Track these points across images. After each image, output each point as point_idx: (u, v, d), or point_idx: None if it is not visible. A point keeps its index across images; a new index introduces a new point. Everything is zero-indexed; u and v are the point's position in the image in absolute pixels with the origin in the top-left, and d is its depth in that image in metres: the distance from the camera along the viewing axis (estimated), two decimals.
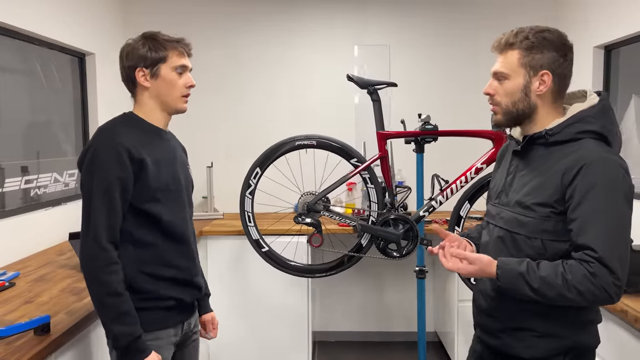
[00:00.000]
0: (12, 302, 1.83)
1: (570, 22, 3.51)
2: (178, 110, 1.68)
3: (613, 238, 1.30)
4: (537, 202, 1.40)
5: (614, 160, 1.34)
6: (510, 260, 1.39)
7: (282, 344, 3.25)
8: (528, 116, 1.46)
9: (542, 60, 1.41)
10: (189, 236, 1.69)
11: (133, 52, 1.61)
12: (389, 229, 2.44)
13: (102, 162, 1.48)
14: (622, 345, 1.86)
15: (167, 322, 1.62)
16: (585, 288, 1.28)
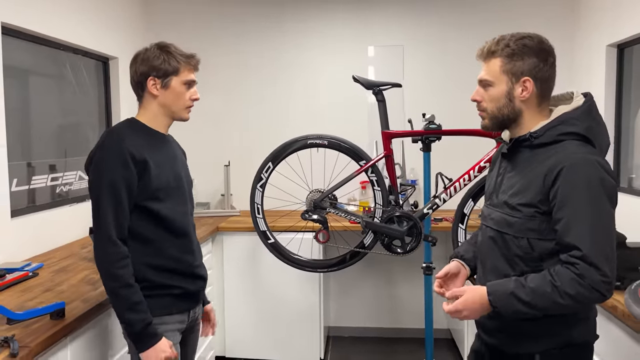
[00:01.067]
0: (33, 291, 1.98)
1: (583, 21, 3.50)
2: (181, 119, 1.81)
3: (597, 236, 1.34)
4: (522, 203, 1.44)
5: (594, 161, 1.36)
6: (498, 282, 1.43)
7: (295, 337, 3.34)
8: (514, 120, 1.50)
9: (523, 67, 1.45)
10: (189, 230, 1.80)
11: (148, 60, 1.72)
12: (393, 226, 2.51)
13: (109, 163, 1.60)
14: (613, 340, 1.88)
15: (173, 309, 1.73)
16: (576, 291, 1.31)
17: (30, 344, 1.47)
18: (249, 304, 3.35)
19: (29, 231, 2.53)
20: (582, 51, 3.48)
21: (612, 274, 1.34)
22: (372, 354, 3.67)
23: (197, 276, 1.82)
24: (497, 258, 1.52)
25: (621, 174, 3.19)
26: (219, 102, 3.91)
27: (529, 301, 1.35)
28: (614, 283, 1.35)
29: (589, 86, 3.36)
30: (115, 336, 1.98)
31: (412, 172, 3.65)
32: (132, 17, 3.68)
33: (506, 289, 1.38)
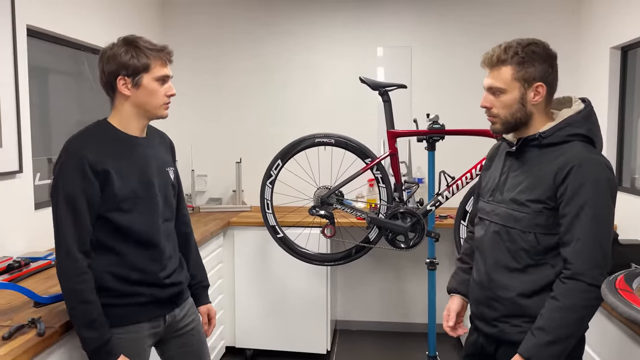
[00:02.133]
0: (56, 278, 2.10)
1: (587, 23, 3.56)
2: (159, 117, 1.69)
3: (595, 239, 1.44)
4: (531, 199, 1.54)
5: (601, 161, 1.49)
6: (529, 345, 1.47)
7: (303, 329, 3.45)
8: (524, 123, 1.59)
9: (535, 73, 1.54)
10: (157, 240, 1.69)
11: (114, 58, 1.59)
12: (397, 222, 2.60)
13: (67, 174, 1.52)
14: (602, 331, 1.96)
15: (139, 317, 1.66)
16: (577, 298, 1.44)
17: (55, 325, 1.60)
18: (258, 297, 3.46)
19: (50, 223, 2.66)
20: (587, 53, 3.54)
21: (603, 272, 1.44)
22: (378, 348, 3.78)
23: (166, 285, 1.72)
24: (501, 251, 1.61)
25: (624, 174, 3.26)
26: (232, 102, 4.03)
27: (559, 337, 1.44)
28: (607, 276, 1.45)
29: (594, 88, 3.42)
30: None
31: (418, 170, 3.74)
32: (149, 20, 3.81)
33: (538, 345, 1.45)
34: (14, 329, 1.53)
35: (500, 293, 1.60)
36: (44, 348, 1.53)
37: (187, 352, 1.87)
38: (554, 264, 1.51)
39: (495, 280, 1.62)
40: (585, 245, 1.43)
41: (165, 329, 1.77)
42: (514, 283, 1.57)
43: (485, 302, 1.66)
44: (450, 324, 1.81)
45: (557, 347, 1.44)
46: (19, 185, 2.44)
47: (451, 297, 1.86)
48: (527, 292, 1.54)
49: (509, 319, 1.59)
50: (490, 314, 1.64)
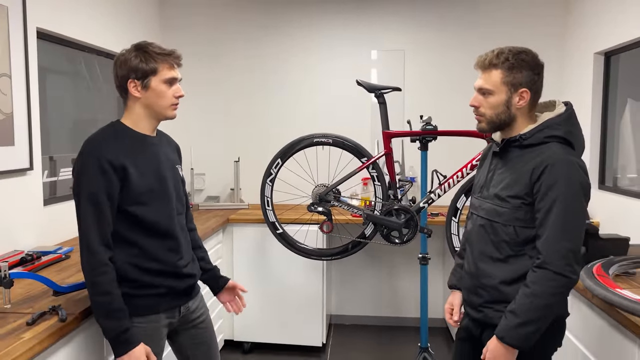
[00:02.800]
0: (68, 270, 2.21)
1: (573, 30, 3.72)
2: (167, 118, 1.79)
3: (563, 232, 1.57)
4: (511, 195, 1.68)
5: (574, 162, 1.62)
6: (499, 328, 1.62)
7: (299, 322, 3.57)
8: (508, 124, 1.73)
9: (522, 79, 1.68)
10: (174, 231, 1.80)
11: (126, 63, 1.70)
12: (392, 218, 2.73)
13: (88, 173, 1.61)
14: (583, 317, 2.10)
15: (158, 308, 1.76)
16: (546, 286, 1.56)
17: (75, 312, 1.70)
18: (256, 291, 3.56)
19: (58, 218, 2.76)
20: (572, 58, 3.70)
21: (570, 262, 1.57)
22: (371, 341, 3.90)
23: (183, 275, 1.83)
24: (486, 243, 1.75)
25: (606, 174, 3.41)
26: (231, 102, 4.14)
27: (528, 319, 1.57)
28: (576, 267, 1.58)
29: (578, 91, 3.57)
30: None
31: (411, 169, 3.88)
32: (148, 21, 3.90)
33: (508, 326, 1.60)
34: (37, 315, 1.63)
35: (485, 281, 1.74)
36: (66, 333, 1.63)
37: (198, 343, 1.97)
38: (532, 255, 1.65)
39: (481, 269, 1.75)
40: (554, 238, 1.57)
41: (179, 320, 1.87)
42: (497, 272, 1.71)
43: (473, 290, 1.80)
44: (456, 318, 1.94)
45: (527, 329, 1.58)
46: (30, 182, 2.54)
47: (452, 293, 1.99)
48: (508, 280, 1.68)
49: (493, 305, 1.73)
50: (477, 300, 1.78)
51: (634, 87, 3.18)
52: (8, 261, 2.08)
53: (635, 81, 3.18)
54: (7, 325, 1.60)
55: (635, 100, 3.14)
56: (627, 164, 3.19)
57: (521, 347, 1.61)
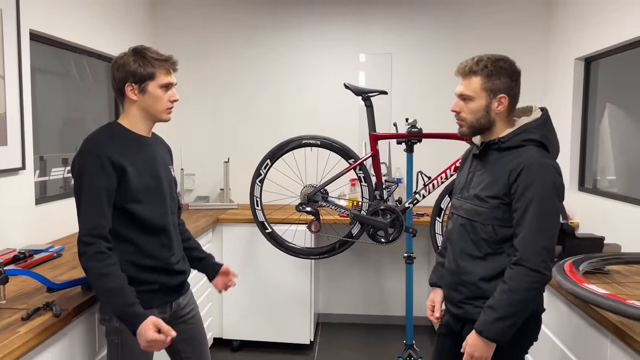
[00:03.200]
0: (61, 268, 2.25)
1: (555, 36, 3.83)
2: (162, 121, 1.86)
3: (539, 230, 1.65)
4: (490, 195, 1.76)
5: (549, 164, 1.70)
6: (478, 323, 1.70)
7: (287, 320, 3.63)
8: (488, 128, 1.81)
9: (500, 86, 1.76)
10: (168, 228, 1.87)
11: (124, 67, 1.75)
12: (378, 218, 2.80)
13: (89, 170, 1.68)
14: (558, 313, 2.19)
15: (151, 303, 1.79)
16: (521, 281, 1.64)
17: (68, 307, 1.74)
18: (245, 290, 3.62)
19: (49, 217, 2.80)
20: (555, 64, 3.80)
21: (545, 259, 1.65)
22: (358, 339, 3.98)
23: (175, 272, 1.90)
24: (466, 241, 1.82)
25: (586, 176, 3.51)
26: (221, 102, 4.19)
27: (505, 314, 1.65)
28: (551, 264, 1.66)
29: (560, 96, 3.68)
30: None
31: (397, 171, 3.95)
32: (139, 21, 3.94)
33: (487, 321, 1.67)
34: (32, 311, 1.68)
35: (465, 278, 1.82)
36: (60, 327, 1.68)
37: (188, 338, 2.03)
38: (509, 252, 1.73)
39: (461, 267, 1.83)
40: (529, 236, 1.65)
41: (170, 315, 1.93)
42: (476, 269, 1.79)
43: (453, 287, 1.88)
44: (437, 315, 2.01)
45: (504, 323, 1.66)
46: (22, 181, 2.58)
47: (433, 290, 2.07)
48: (487, 276, 1.76)
49: (472, 301, 1.80)
50: (457, 297, 1.86)
51: (612, 92, 3.29)
52: (2, 259, 2.13)
53: (614, 86, 3.29)
54: (3, 320, 1.64)
55: (613, 105, 3.25)
56: (606, 166, 3.29)
57: (499, 340, 1.69)
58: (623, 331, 1.59)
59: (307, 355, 3.66)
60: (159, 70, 1.78)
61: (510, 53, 1.85)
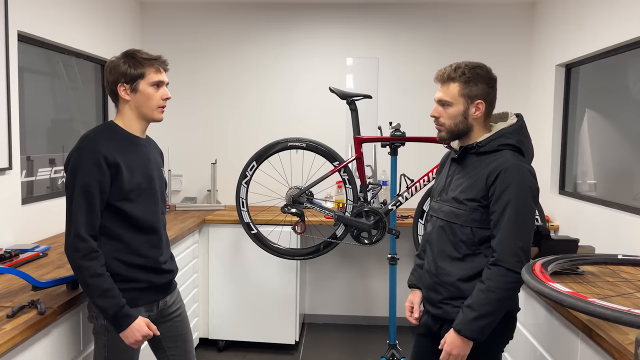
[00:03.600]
0: (46, 267, 2.27)
1: (537, 43, 3.91)
2: (155, 120, 1.92)
3: (515, 232, 1.71)
4: (468, 198, 1.82)
5: (525, 168, 1.77)
6: (457, 322, 1.75)
7: (273, 321, 3.67)
8: (465, 133, 1.87)
9: (477, 92, 1.82)
10: (158, 228, 1.93)
11: (115, 69, 1.83)
12: (361, 220, 2.85)
13: (84, 166, 1.72)
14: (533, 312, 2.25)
15: (138, 301, 1.85)
16: (499, 281, 1.70)
17: (53, 306, 1.78)
18: (231, 290, 3.66)
19: (35, 217, 2.82)
20: (538, 70, 3.88)
21: (521, 259, 1.71)
22: (343, 339, 4.02)
23: (163, 271, 1.95)
24: (445, 243, 1.88)
25: (566, 180, 3.59)
26: (209, 105, 4.22)
27: (483, 313, 1.70)
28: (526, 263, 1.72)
29: (541, 102, 3.76)
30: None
31: (383, 173, 4.01)
32: (127, 24, 3.97)
33: (465, 319, 1.73)
34: (17, 308, 1.71)
35: (444, 278, 1.87)
36: (44, 325, 1.71)
37: (174, 335, 2.08)
38: (487, 253, 1.79)
39: (440, 268, 1.88)
40: (506, 237, 1.71)
41: (157, 313, 1.97)
42: (455, 270, 1.84)
43: (433, 287, 1.93)
44: (416, 315, 2.06)
45: (482, 322, 1.71)
46: (8, 181, 2.60)
47: (412, 291, 2.11)
48: (465, 277, 1.81)
49: (451, 301, 1.86)
50: (436, 297, 1.91)
51: (591, 98, 3.37)
52: None
53: (593, 92, 3.37)
54: None
55: (592, 110, 3.33)
56: (587, 170, 3.37)
57: (476, 339, 1.74)
58: (591, 329, 1.65)
59: (292, 355, 3.70)
60: (148, 69, 1.84)
61: (495, 59, 1.92)
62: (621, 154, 3.02)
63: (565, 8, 3.43)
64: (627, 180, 2.86)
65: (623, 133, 3.03)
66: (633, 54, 2.79)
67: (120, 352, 1.86)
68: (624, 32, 2.73)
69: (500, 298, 1.71)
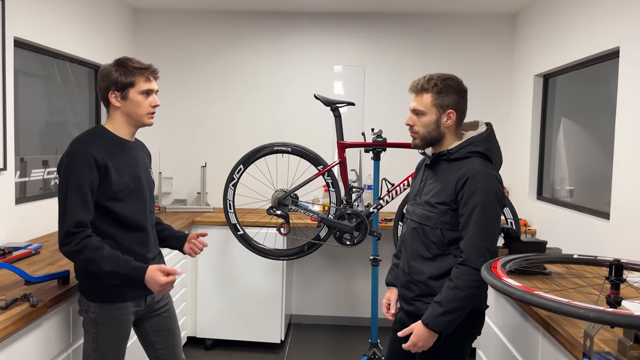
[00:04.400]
0: (38, 264, 2.37)
1: (517, 54, 4.05)
2: (144, 125, 2.02)
3: (481, 234, 1.82)
4: (439, 202, 1.93)
5: (491, 174, 1.88)
6: (425, 315, 1.86)
7: (259, 320, 3.76)
8: (438, 141, 1.99)
9: (449, 102, 1.94)
10: (146, 226, 2.03)
11: (107, 77, 1.92)
12: (344, 222, 2.97)
13: (76, 167, 1.83)
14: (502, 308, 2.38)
15: (126, 296, 1.96)
16: (465, 279, 1.81)
17: (45, 299, 1.88)
18: (219, 290, 3.75)
19: (28, 217, 2.91)
20: (518, 80, 4.02)
21: (487, 259, 1.81)
22: (327, 338, 4.13)
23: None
24: (417, 244, 1.99)
25: (544, 186, 3.73)
26: (199, 109, 4.33)
27: (450, 309, 1.82)
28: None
29: (521, 110, 3.89)
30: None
31: (368, 178, 4.13)
32: (120, 29, 4.07)
33: (433, 314, 1.84)
34: (10, 301, 1.80)
35: (416, 277, 1.98)
36: (37, 317, 1.82)
37: (162, 330, 2.17)
38: (455, 254, 1.90)
39: (413, 267, 1.99)
40: (473, 239, 1.82)
41: (145, 308, 2.07)
42: (426, 269, 1.95)
43: (406, 285, 2.04)
44: (392, 312, 2.17)
45: (448, 317, 1.83)
46: (3, 181, 2.69)
47: (389, 289, 2.22)
48: (435, 275, 1.93)
49: (422, 298, 1.97)
50: (409, 294, 2.02)
51: (567, 107, 3.51)
52: None
53: (568, 102, 3.51)
54: None
55: (568, 119, 3.47)
56: (564, 177, 3.50)
57: (442, 332, 1.86)
58: (549, 324, 1.78)
59: (277, 354, 3.80)
60: (138, 78, 1.94)
61: (477, 69, 2.03)
62: (595, 161, 3.15)
63: (544, 21, 3.58)
64: (601, 187, 2.99)
65: (597, 141, 3.17)
66: (606, 65, 2.93)
67: (108, 345, 1.96)
68: (598, 44, 2.87)
69: (467, 295, 1.82)
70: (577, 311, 1.18)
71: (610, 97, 2.84)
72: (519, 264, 1.67)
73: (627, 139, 2.56)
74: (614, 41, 2.68)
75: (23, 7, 2.81)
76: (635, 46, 2.49)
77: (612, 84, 2.78)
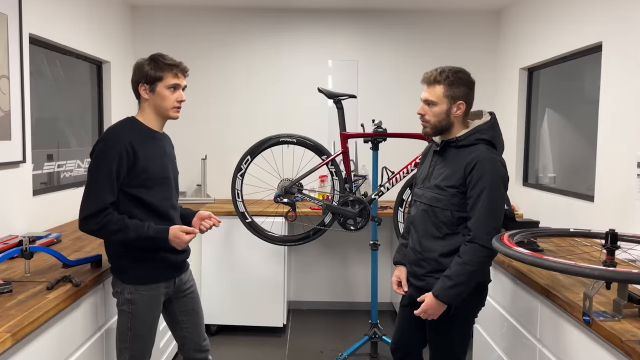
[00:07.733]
0: (64, 252, 2.47)
1: (503, 47, 4.28)
2: (170, 118, 2.16)
3: (488, 214, 2.01)
4: (448, 185, 2.12)
5: (497, 159, 2.08)
6: (436, 287, 2.04)
7: (262, 306, 3.92)
8: (447, 129, 2.17)
9: (459, 93, 2.12)
10: (171, 214, 2.15)
11: (139, 70, 2.07)
12: (348, 208, 3.14)
13: (109, 153, 1.96)
14: (501, 284, 2.59)
15: (158, 278, 2.11)
16: (472, 256, 2.00)
17: (85, 280, 2.01)
18: (223, 278, 3.89)
19: (45, 207, 3.01)
20: (503, 73, 4.25)
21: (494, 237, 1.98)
22: (326, 322, 4.31)
23: (177, 251, 2.13)
24: (428, 224, 2.17)
25: (529, 173, 3.97)
26: (199, 103, 4.44)
27: (458, 282, 2.00)
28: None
29: (507, 102, 4.12)
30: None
31: (363, 168, 4.31)
32: (122, 26, 4.16)
33: (443, 287, 2.03)
34: (55, 282, 1.93)
35: (427, 254, 2.17)
36: (80, 296, 1.96)
37: (188, 310, 2.32)
38: (464, 233, 2.09)
39: (424, 246, 2.18)
40: (480, 219, 2.01)
41: (173, 289, 2.22)
42: (437, 247, 2.14)
43: (417, 263, 2.22)
44: (405, 288, 2.33)
45: (456, 290, 2.02)
46: (22, 173, 2.79)
47: (397, 267, 2.39)
48: (445, 253, 2.11)
49: (433, 274, 2.15)
50: (420, 271, 2.21)
51: (551, 99, 3.74)
52: (8, 243, 2.35)
53: (552, 94, 3.74)
54: (30, 290, 1.89)
55: (551, 110, 3.71)
56: (547, 164, 3.74)
57: (451, 303, 2.05)
58: (549, 291, 1.99)
59: (280, 337, 3.97)
60: (167, 73, 2.07)
61: (464, 63, 2.22)
62: (577, 149, 3.39)
63: (529, 16, 3.80)
64: (582, 173, 3.23)
65: (578, 131, 3.41)
66: (587, 59, 3.16)
67: (142, 323, 2.10)
68: (579, 39, 3.10)
69: (474, 270, 2.01)
70: (584, 270, 1.38)
71: (591, 89, 3.07)
72: (525, 237, 1.86)
73: (609, 126, 2.79)
74: (597, 36, 2.91)
75: (35, 4, 2.89)
76: (618, 40, 2.72)
77: (593, 77, 3.00)
